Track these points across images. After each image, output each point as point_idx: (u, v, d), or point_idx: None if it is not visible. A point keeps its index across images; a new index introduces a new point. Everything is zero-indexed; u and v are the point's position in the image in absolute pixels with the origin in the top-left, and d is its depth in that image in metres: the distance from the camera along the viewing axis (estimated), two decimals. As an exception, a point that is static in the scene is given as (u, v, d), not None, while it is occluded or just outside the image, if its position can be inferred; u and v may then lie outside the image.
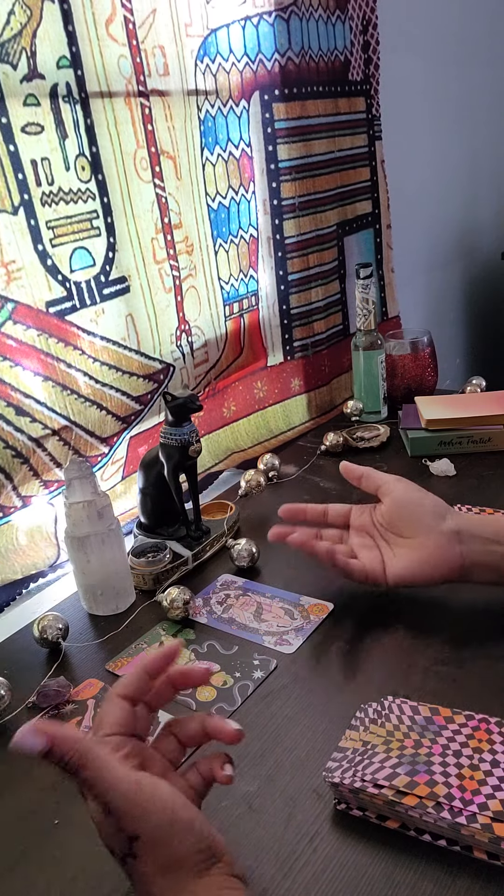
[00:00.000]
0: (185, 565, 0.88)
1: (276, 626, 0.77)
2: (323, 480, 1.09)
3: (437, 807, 0.50)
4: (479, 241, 2.10)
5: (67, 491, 0.79)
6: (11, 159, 0.80)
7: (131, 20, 0.91)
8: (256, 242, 1.18)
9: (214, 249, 1.10)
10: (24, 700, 0.69)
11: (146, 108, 0.95)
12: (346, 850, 0.51)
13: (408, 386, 1.28)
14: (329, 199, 1.28)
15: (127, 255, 0.96)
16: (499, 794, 0.50)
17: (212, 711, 0.64)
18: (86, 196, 0.89)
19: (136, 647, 0.76)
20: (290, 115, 1.16)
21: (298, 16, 1.14)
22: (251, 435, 1.24)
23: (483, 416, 1.10)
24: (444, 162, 1.85)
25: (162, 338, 1.03)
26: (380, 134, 1.40)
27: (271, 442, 1.26)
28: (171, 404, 0.85)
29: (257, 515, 1.01)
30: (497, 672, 0.66)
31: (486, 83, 1.95)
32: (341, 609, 0.78)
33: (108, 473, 1.00)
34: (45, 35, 0.81)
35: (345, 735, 0.58)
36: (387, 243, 1.48)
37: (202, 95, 1.03)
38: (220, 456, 1.18)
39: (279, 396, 1.28)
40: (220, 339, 1.15)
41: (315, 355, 1.31)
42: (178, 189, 1.02)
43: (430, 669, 0.67)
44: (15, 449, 0.86)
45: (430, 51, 1.68)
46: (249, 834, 0.53)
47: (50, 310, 0.87)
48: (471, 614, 0.74)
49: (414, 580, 0.73)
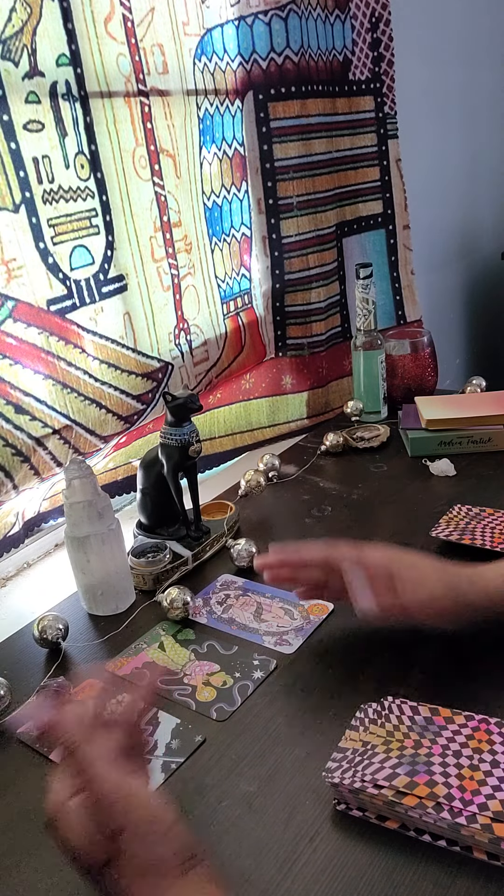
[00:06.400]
0: (185, 565, 0.88)
1: (276, 626, 0.77)
2: (323, 480, 1.09)
3: (437, 807, 0.50)
4: (479, 241, 2.10)
5: (67, 491, 0.79)
6: (13, 157, 0.80)
7: (130, 18, 0.91)
8: (249, 241, 1.18)
9: (210, 248, 1.10)
10: (24, 700, 0.69)
11: (145, 107, 0.95)
12: (346, 851, 0.51)
13: (408, 386, 1.28)
14: (330, 199, 1.28)
15: (125, 253, 0.96)
16: (499, 795, 0.50)
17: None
18: (85, 194, 0.89)
19: (136, 647, 0.76)
20: (287, 114, 1.16)
21: (297, 14, 1.13)
22: (229, 424, 1.23)
23: (483, 416, 1.10)
24: (445, 162, 1.85)
25: (160, 336, 1.03)
26: (394, 132, 1.38)
27: (244, 436, 1.24)
28: (171, 404, 0.85)
29: (257, 515, 1.01)
30: (497, 672, 0.66)
31: (486, 83, 1.95)
32: (341, 609, 0.78)
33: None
34: (44, 33, 0.81)
35: (345, 735, 0.58)
36: (403, 244, 1.44)
37: (201, 94, 1.03)
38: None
39: (265, 391, 1.27)
40: (220, 338, 1.15)
41: (312, 356, 1.31)
42: (177, 187, 1.02)
43: (430, 669, 0.67)
44: (15, 447, 0.86)
45: (430, 50, 1.67)
46: (249, 834, 0.53)
47: (51, 308, 0.87)
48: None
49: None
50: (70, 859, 0.44)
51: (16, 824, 0.57)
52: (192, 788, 0.58)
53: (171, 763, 0.61)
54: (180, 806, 0.56)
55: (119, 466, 1.05)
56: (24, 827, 0.57)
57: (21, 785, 0.61)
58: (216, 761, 0.60)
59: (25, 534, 0.92)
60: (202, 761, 0.61)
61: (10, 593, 0.95)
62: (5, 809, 0.59)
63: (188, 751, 0.62)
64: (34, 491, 0.91)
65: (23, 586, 0.97)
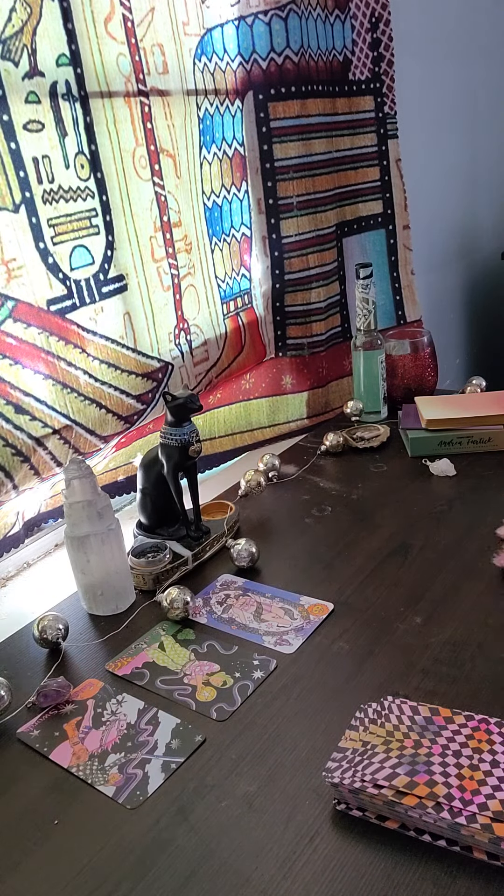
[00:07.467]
0: (185, 565, 0.88)
1: (276, 626, 0.77)
2: (323, 480, 1.09)
3: (437, 807, 0.50)
4: (479, 241, 2.10)
5: (67, 491, 0.79)
6: (13, 157, 0.80)
7: (130, 18, 0.91)
8: (249, 241, 1.18)
9: (210, 248, 1.10)
10: (24, 700, 0.69)
11: (145, 107, 0.95)
12: (346, 850, 0.51)
13: (408, 386, 1.28)
14: (330, 199, 1.28)
15: (125, 253, 0.96)
16: (499, 794, 0.50)
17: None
18: (85, 194, 0.89)
19: (136, 647, 0.76)
20: (287, 114, 1.16)
21: (297, 14, 1.13)
22: (229, 424, 1.23)
23: (483, 416, 1.10)
24: (445, 162, 1.85)
25: (160, 336, 1.03)
26: (394, 132, 1.38)
27: (244, 436, 1.24)
28: (171, 404, 0.85)
29: (257, 515, 1.01)
30: (497, 672, 0.66)
31: (486, 83, 1.95)
32: (341, 609, 0.78)
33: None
34: (44, 33, 0.81)
35: (345, 735, 0.58)
36: (403, 244, 1.44)
37: (201, 94, 1.03)
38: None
39: (265, 391, 1.27)
40: (220, 338, 1.15)
41: (312, 356, 1.31)
42: (177, 187, 1.02)
43: (430, 669, 0.67)
44: (15, 447, 0.86)
45: (430, 50, 1.68)
46: (249, 834, 0.53)
47: (51, 308, 0.87)
48: (471, 615, 0.74)
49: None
50: None
51: (16, 824, 0.57)
52: (192, 788, 0.58)
53: (171, 763, 0.61)
54: (180, 806, 0.56)
55: (119, 466, 1.05)
56: (24, 827, 0.57)
57: (21, 785, 0.61)
58: (216, 761, 0.60)
59: (25, 534, 0.92)
60: (202, 761, 0.61)
61: (10, 593, 0.95)
62: (5, 809, 0.59)
63: (188, 751, 0.62)
64: (34, 491, 0.91)
65: (23, 586, 0.97)
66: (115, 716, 0.67)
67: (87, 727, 0.66)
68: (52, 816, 0.57)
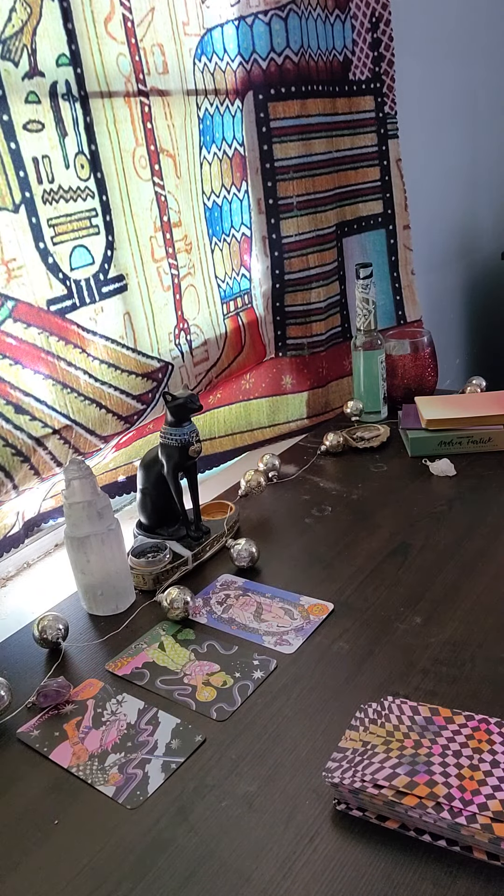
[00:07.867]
0: (185, 565, 0.88)
1: (276, 626, 0.77)
2: (323, 480, 1.09)
3: (437, 807, 0.50)
4: (479, 241, 2.10)
5: (67, 491, 0.79)
6: (13, 157, 0.80)
7: (130, 18, 0.91)
8: (249, 241, 1.18)
9: (210, 248, 1.10)
10: (24, 700, 0.69)
11: (146, 107, 0.95)
12: (346, 850, 0.51)
13: (408, 386, 1.28)
14: (330, 199, 1.28)
15: (125, 253, 0.96)
16: (499, 794, 0.50)
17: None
18: (85, 194, 0.89)
19: (136, 648, 0.76)
20: (287, 114, 1.16)
21: (297, 14, 1.13)
22: (229, 424, 1.23)
23: (483, 416, 1.10)
24: (445, 162, 1.85)
25: (160, 336, 1.03)
26: (395, 132, 1.38)
27: (244, 436, 1.24)
28: (171, 404, 0.85)
29: (257, 515, 1.01)
30: (497, 672, 0.66)
31: (487, 83, 1.95)
32: (341, 609, 0.78)
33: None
34: (44, 33, 0.81)
35: (345, 735, 0.58)
36: (404, 244, 1.44)
37: (201, 94, 1.03)
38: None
39: (265, 391, 1.27)
40: (220, 338, 1.15)
41: (312, 356, 1.31)
42: (177, 187, 1.02)
43: (430, 669, 0.67)
44: (15, 447, 0.86)
45: (430, 50, 1.68)
46: (249, 834, 0.53)
47: (51, 308, 0.87)
48: (471, 615, 0.74)
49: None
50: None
51: (16, 824, 0.57)
52: (192, 788, 0.58)
53: (171, 763, 0.61)
54: (180, 806, 0.56)
55: (119, 467, 1.05)
56: (24, 827, 0.57)
57: (21, 785, 0.61)
58: (216, 761, 0.60)
59: (25, 534, 0.92)
60: (202, 761, 0.61)
61: (10, 593, 0.95)
62: (5, 809, 0.59)
63: (188, 751, 0.62)
64: (34, 491, 0.91)
65: (23, 586, 0.97)
66: (115, 716, 0.67)
67: (87, 727, 0.66)
68: (52, 816, 0.57)
